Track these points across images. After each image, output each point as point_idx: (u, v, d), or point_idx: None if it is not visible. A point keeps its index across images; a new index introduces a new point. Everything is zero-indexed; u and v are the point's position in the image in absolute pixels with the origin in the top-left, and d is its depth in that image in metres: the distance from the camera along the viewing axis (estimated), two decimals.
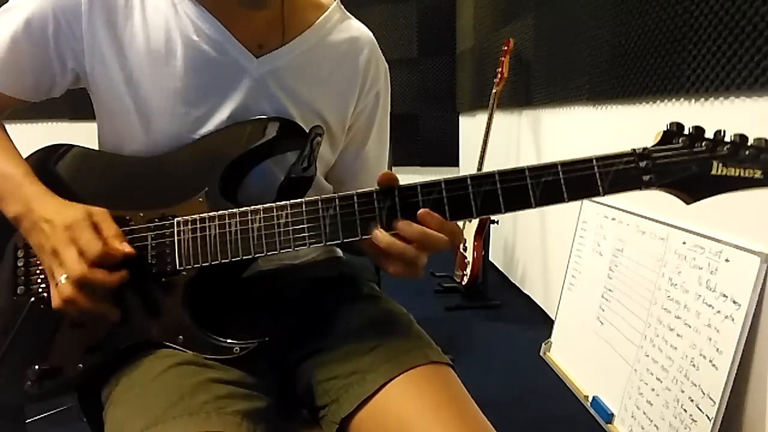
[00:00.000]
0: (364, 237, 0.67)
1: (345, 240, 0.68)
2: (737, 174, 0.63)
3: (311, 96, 0.82)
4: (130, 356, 0.73)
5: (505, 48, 2.77)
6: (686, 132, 0.65)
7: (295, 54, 0.81)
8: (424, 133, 4.38)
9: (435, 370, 0.75)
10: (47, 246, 0.68)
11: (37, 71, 0.77)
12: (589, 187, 0.64)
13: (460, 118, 4.32)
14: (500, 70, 2.76)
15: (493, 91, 2.79)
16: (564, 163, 0.65)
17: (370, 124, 0.92)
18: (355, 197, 0.67)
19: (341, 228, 0.67)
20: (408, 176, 1.00)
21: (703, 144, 0.63)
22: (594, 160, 0.64)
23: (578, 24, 2.14)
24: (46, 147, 0.80)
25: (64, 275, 0.67)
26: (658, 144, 0.65)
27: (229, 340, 0.71)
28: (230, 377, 0.70)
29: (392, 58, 0.93)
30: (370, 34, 0.90)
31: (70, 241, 0.67)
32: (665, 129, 0.65)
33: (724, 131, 0.63)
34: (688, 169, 0.63)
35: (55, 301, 0.68)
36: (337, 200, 0.68)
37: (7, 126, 0.81)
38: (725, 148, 0.63)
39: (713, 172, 0.63)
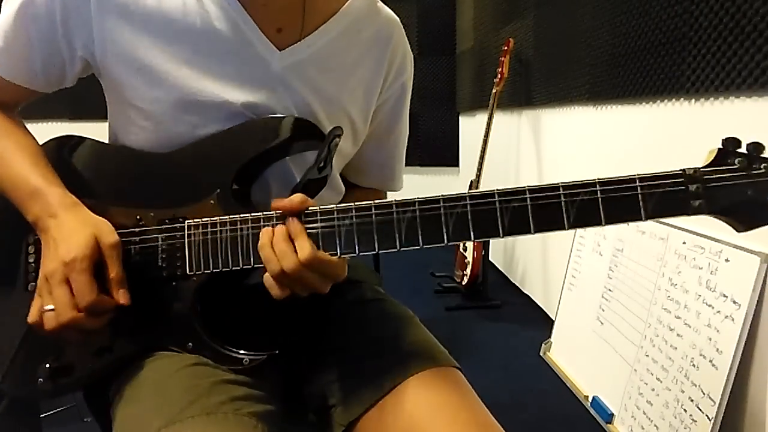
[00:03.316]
0: (381, 251, 0.64)
1: (361, 253, 0.65)
2: None
3: (336, 89, 0.79)
4: (140, 356, 0.72)
5: (505, 48, 2.76)
6: (743, 149, 0.58)
7: (320, 45, 0.77)
8: (424, 133, 4.38)
9: (444, 373, 0.74)
10: (44, 269, 0.67)
11: (45, 59, 0.74)
12: (630, 210, 0.58)
13: (460, 118, 4.32)
14: (500, 70, 2.76)
15: (493, 91, 2.79)
16: (603, 182, 0.59)
17: (396, 115, 0.89)
18: (373, 208, 0.64)
19: (357, 240, 0.65)
20: (408, 176, 1.00)
21: (763, 165, 0.57)
22: (637, 180, 0.58)
23: (578, 24, 2.14)
24: (57, 138, 0.78)
25: (50, 308, 0.66)
26: (711, 164, 0.58)
27: (240, 351, 0.70)
28: (243, 379, 0.70)
29: None
30: (397, 19, 0.86)
31: (64, 279, 0.65)
32: (720, 147, 0.58)
33: None
34: (743, 193, 0.57)
35: (32, 318, 0.67)
36: (354, 210, 0.65)
37: None
38: None
39: None
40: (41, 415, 1.57)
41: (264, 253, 0.65)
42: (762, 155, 0.57)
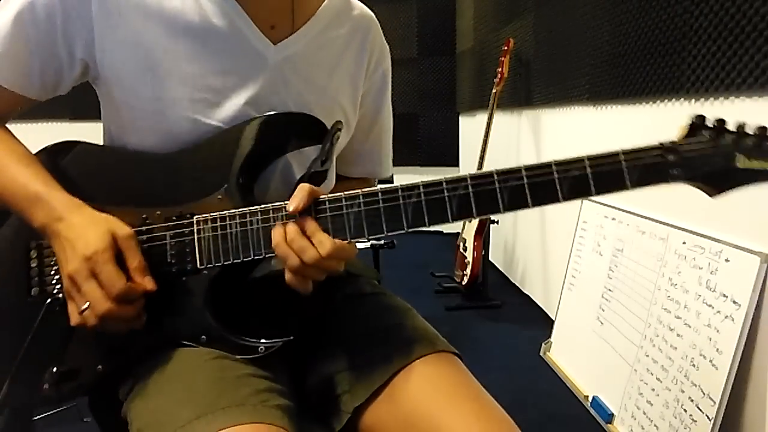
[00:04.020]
0: (389, 234, 0.67)
1: (370, 238, 0.68)
2: (761, 167, 0.63)
3: (325, 80, 0.82)
4: (155, 352, 0.72)
5: (505, 48, 2.77)
6: (710, 125, 0.65)
7: (308, 39, 0.80)
8: (424, 133, 4.38)
9: (444, 358, 0.76)
10: (66, 269, 0.67)
11: (43, 64, 0.73)
12: (617, 181, 0.64)
13: (460, 118, 4.32)
14: (500, 70, 2.76)
15: (493, 91, 2.79)
16: (591, 157, 0.65)
17: (379, 104, 0.93)
18: (380, 194, 0.67)
19: (366, 224, 0.67)
20: (408, 176, 1.00)
21: (728, 137, 0.64)
22: (621, 154, 0.64)
23: (578, 24, 2.14)
24: (55, 144, 0.78)
25: (87, 305, 0.66)
26: (684, 137, 0.65)
27: (254, 340, 0.71)
28: (265, 374, 0.71)
29: (392, 58, 0.94)
30: (372, 14, 0.90)
31: (90, 273, 0.66)
32: (691, 122, 0.65)
33: (745, 123, 0.64)
34: (715, 162, 0.64)
35: (74, 321, 0.68)
36: (361, 197, 0.67)
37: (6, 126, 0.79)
38: (750, 141, 0.63)
39: (738, 164, 0.63)
40: (40, 416, 1.58)
41: (281, 251, 0.67)
42: (726, 128, 0.65)
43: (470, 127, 4.00)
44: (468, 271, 2.80)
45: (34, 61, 0.73)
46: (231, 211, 0.71)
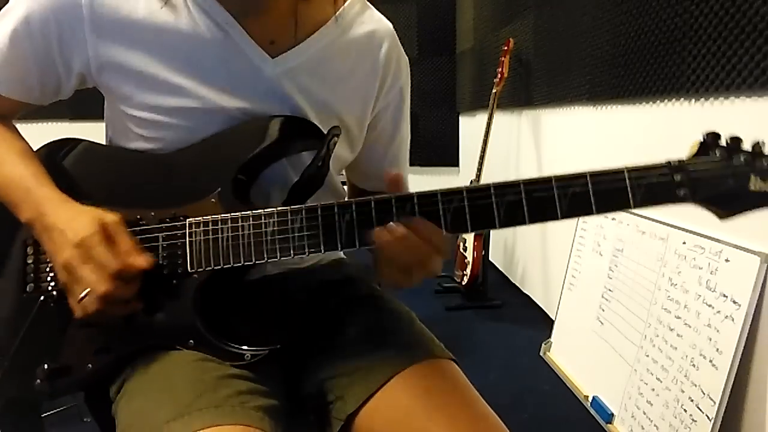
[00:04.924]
0: None
1: (361, 247, 0.66)
2: None
3: (329, 96, 0.80)
4: (142, 354, 0.72)
5: (505, 48, 2.77)
6: (723, 143, 0.61)
7: (311, 52, 0.78)
8: (424, 133, 4.37)
9: (439, 364, 0.75)
10: (59, 259, 0.67)
11: (42, 75, 0.75)
12: (620, 199, 0.61)
13: (460, 118, 4.32)
14: (500, 70, 2.76)
15: (493, 91, 2.79)
16: (593, 174, 0.62)
17: (398, 120, 0.90)
18: (373, 203, 0.65)
19: (357, 235, 0.66)
20: (408, 176, 1.00)
21: (742, 157, 0.60)
22: (626, 171, 0.61)
23: (578, 24, 2.14)
24: (55, 141, 0.79)
25: (87, 290, 0.65)
26: (694, 156, 0.62)
27: (241, 347, 0.71)
28: (248, 374, 0.70)
29: None
30: (390, 25, 0.86)
31: (84, 258, 0.66)
32: (702, 140, 0.62)
33: (763, 142, 0.61)
34: (725, 183, 0.60)
35: (78, 313, 0.67)
36: (354, 206, 0.66)
37: None
38: (765, 162, 0.60)
39: (751, 187, 0.60)
40: (42, 415, 1.57)
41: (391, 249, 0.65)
42: (740, 147, 0.61)
43: (470, 127, 4.00)
44: (468, 271, 2.80)
45: (33, 72, 0.75)
46: (222, 215, 0.70)
